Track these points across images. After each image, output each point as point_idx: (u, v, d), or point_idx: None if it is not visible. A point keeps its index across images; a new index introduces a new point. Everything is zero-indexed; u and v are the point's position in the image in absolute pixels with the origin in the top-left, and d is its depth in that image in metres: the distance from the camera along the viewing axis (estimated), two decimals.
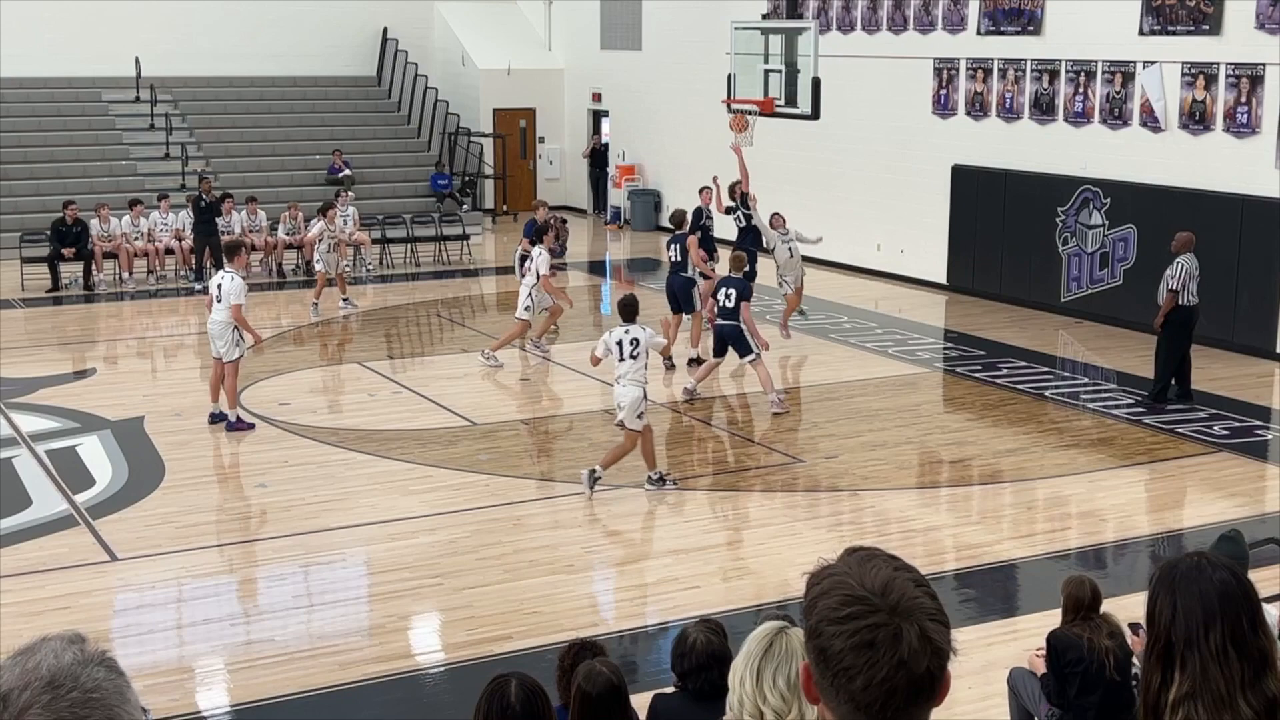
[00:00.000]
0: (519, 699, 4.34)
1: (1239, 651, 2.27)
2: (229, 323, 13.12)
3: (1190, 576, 2.39)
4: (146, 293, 20.51)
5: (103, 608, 9.30)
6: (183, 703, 7.86)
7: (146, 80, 25.61)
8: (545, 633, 8.57)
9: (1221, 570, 2.37)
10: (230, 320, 13.11)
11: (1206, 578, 2.36)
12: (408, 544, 10.27)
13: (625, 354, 11.15)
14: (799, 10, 21.50)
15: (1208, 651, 2.29)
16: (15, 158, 24.10)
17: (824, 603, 1.94)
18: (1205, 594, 2.33)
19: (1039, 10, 18.70)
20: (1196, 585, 2.36)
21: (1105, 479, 11.89)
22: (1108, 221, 17.82)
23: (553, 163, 29.59)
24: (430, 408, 14.14)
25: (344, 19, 28.17)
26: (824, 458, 12.43)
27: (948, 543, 10.46)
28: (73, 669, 1.66)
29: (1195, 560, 2.43)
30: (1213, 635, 2.30)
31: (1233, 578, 2.36)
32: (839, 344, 16.91)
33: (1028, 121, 19.02)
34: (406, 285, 21.08)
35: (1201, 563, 2.41)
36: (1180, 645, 2.34)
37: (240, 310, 13.11)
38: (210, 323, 13.34)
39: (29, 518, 10.87)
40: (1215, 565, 2.39)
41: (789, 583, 9.41)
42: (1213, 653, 2.29)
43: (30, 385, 14.75)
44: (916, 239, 20.63)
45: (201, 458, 12.50)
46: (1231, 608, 2.31)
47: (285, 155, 25.99)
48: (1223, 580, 2.34)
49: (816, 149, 21.92)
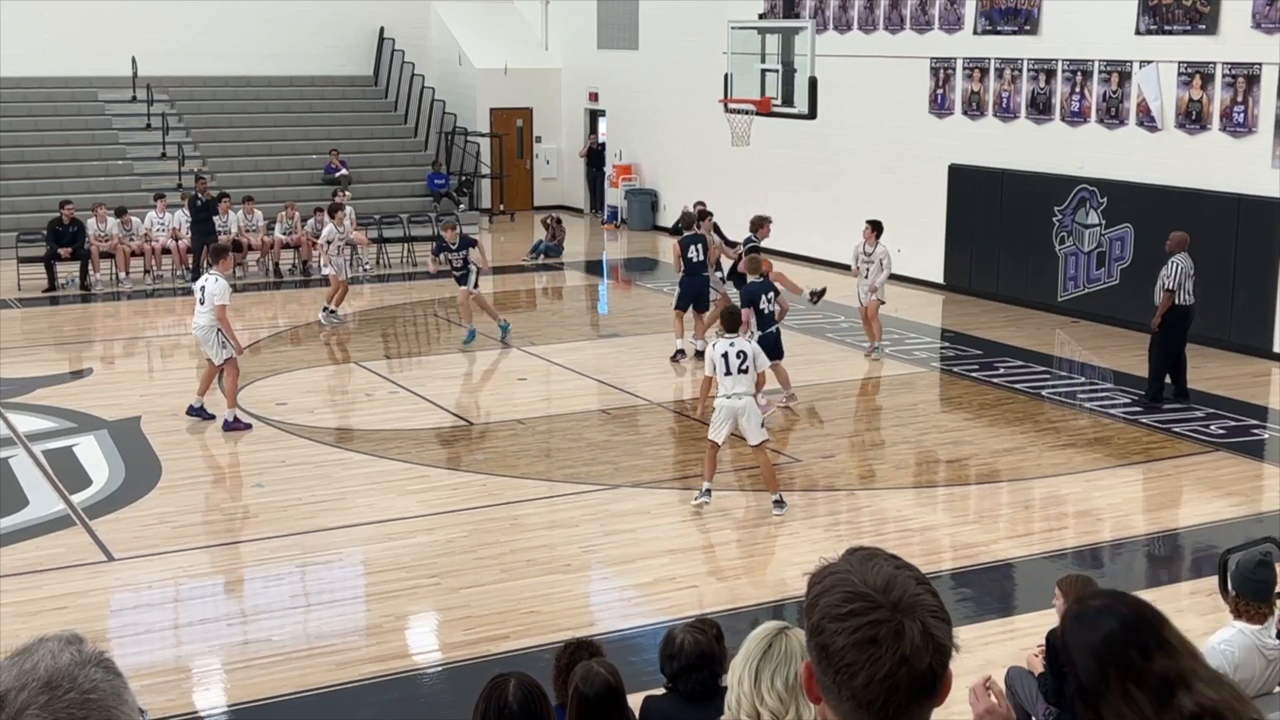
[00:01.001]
0: (517, 699, 4.34)
1: (1138, 684, 2.31)
2: (213, 325, 13.08)
3: (1078, 629, 2.43)
4: (143, 293, 20.50)
5: (100, 608, 9.29)
6: (180, 703, 7.86)
7: (143, 80, 25.60)
8: (542, 632, 8.56)
9: (1108, 619, 2.40)
10: (214, 323, 13.07)
11: (1089, 629, 2.41)
12: (405, 544, 10.26)
13: (734, 368, 10.85)
14: (796, 10, 21.50)
15: (1116, 698, 2.34)
16: (12, 157, 24.08)
17: (826, 600, 1.94)
18: (1093, 647, 2.38)
19: (1035, 10, 18.71)
20: (1084, 639, 2.40)
21: (1102, 478, 11.90)
22: (1104, 221, 17.83)
23: (549, 162, 29.59)
24: (427, 407, 14.14)
25: (341, 19, 28.16)
26: (821, 457, 12.44)
27: (945, 542, 10.46)
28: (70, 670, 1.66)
29: (1084, 609, 2.46)
30: (1111, 683, 2.34)
31: (1119, 625, 2.39)
32: (836, 343, 16.91)
33: (1024, 121, 19.03)
34: (403, 285, 21.06)
35: (1086, 614, 2.44)
36: (1090, 692, 2.39)
37: (225, 312, 13.07)
38: (195, 326, 13.33)
39: (26, 518, 10.86)
40: (1102, 613, 2.42)
41: (786, 582, 9.42)
42: (1118, 697, 2.33)
43: (27, 385, 14.74)
44: (913, 238, 20.63)
45: (198, 458, 12.49)
46: (1119, 652, 2.34)
47: (282, 155, 25.98)
48: (1107, 632, 2.38)
49: (813, 149, 21.93)
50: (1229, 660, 5.80)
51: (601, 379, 15.22)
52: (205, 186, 21.10)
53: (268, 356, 16.56)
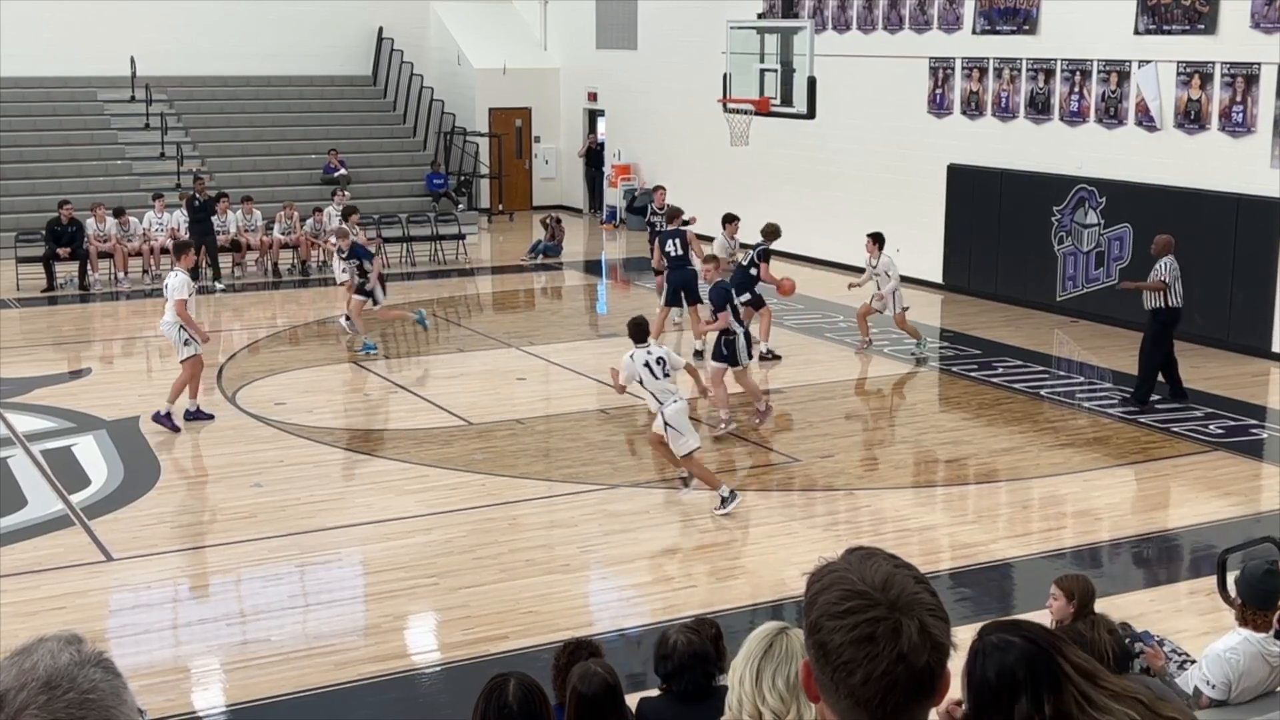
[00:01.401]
0: (517, 698, 4.34)
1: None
2: (176, 322, 13.05)
3: (976, 659, 2.48)
4: (141, 292, 20.49)
5: (99, 608, 9.29)
6: (179, 703, 7.85)
7: (142, 80, 25.60)
8: (541, 632, 8.57)
9: (995, 656, 2.45)
10: (177, 319, 13.03)
11: (982, 664, 2.45)
12: (403, 544, 10.26)
13: (658, 374, 10.89)
14: (795, 10, 21.51)
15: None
16: (10, 157, 24.07)
17: (824, 598, 1.94)
18: (986, 680, 2.43)
19: (1034, 10, 18.72)
20: (978, 671, 2.46)
21: (1100, 478, 11.90)
22: (1103, 221, 17.83)
23: (548, 162, 29.59)
24: (426, 407, 14.13)
25: (339, 18, 28.15)
26: (819, 457, 12.44)
27: (943, 542, 10.46)
28: (69, 670, 1.66)
29: (984, 644, 2.49)
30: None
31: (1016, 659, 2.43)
32: (834, 343, 16.91)
33: (1023, 121, 19.03)
34: (402, 285, 21.05)
35: (985, 647, 2.48)
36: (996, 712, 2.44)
37: (184, 306, 13.05)
38: (162, 323, 13.32)
39: (25, 518, 10.85)
40: (991, 650, 2.46)
41: (785, 582, 9.42)
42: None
43: (26, 385, 14.73)
44: (912, 238, 20.62)
45: (197, 458, 12.49)
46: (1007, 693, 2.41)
47: (281, 155, 25.97)
48: (997, 669, 2.43)
49: (812, 149, 21.93)
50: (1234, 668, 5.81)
51: (600, 379, 15.22)
52: (204, 186, 21.09)
53: (266, 356, 16.56)
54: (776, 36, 16.96)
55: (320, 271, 22.15)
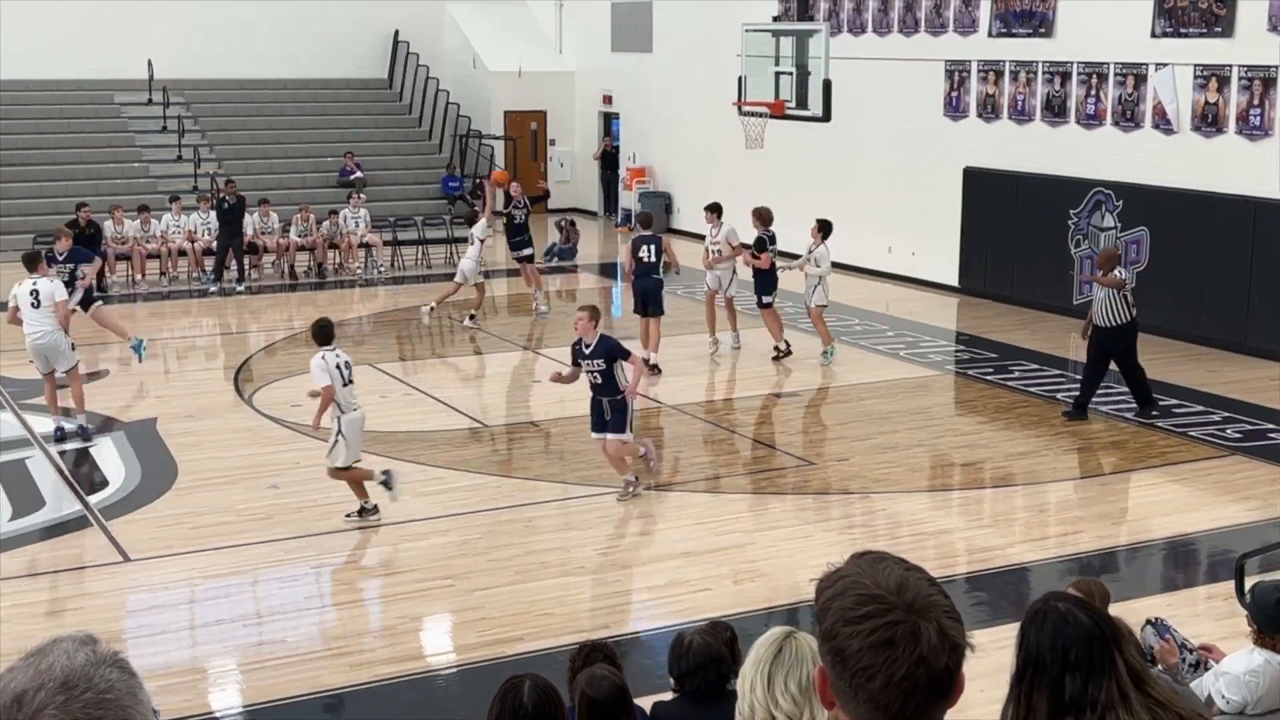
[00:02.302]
0: (532, 700, 4.35)
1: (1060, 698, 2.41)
2: (58, 329, 12.62)
3: (1034, 621, 2.51)
4: (159, 294, 20.55)
5: (116, 608, 9.32)
6: (195, 703, 7.87)
7: (159, 82, 25.69)
8: (557, 634, 8.57)
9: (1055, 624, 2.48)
10: (58, 326, 12.60)
11: (1039, 628, 2.48)
12: (419, 545, 10.28)
13: (347, 378, 10.66)
14: (810, 12, 21.50)
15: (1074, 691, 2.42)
16: (29, 159, 24.18)
17: (839, 604, 1.94)
18: (1039, 645, 2.46)
19: (1050, 12, 18.67)
20: (1033, 634, 2.49)
21: (1117, 482, 11.86)
22: (1120, 224, 17.78)
23: (563, 165, 29.61)
24: (442, 409, 14.15)
25: (355, 21, 28.22)
26: (835, 460, 12.42)
27: (960, 546, 10.44)
28: (86, 670, 1.66)
29: (1048, 608, 2.52)
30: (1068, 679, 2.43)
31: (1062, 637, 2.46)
32: (850, 346, 16.88)
33: (1039, 123, 18.99)
34: (418, 287, 21.08)
35: (1049, 612, 2.51)
36: (1040, 679, 2.46)
37: (66, 306, 12.84)
38: (40, 335, 12.54)
39: (42, 519, 10.90)
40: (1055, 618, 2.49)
41: (800, 585, 9.40)
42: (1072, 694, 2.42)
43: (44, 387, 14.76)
44: (928, 241, 20.61)
45: (214, 459, 12.51)
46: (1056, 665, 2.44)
47: (297, 158, 26.05)
48: (1052, 637, 2.47)
49: (827, 151, 21.91)
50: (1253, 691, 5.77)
51: None
52: (234, 190, 21.10)
53: (283, 358, 16.60)
54: (792, 39, 16.94)
55: (336, 274, 22.21)
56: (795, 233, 17.84)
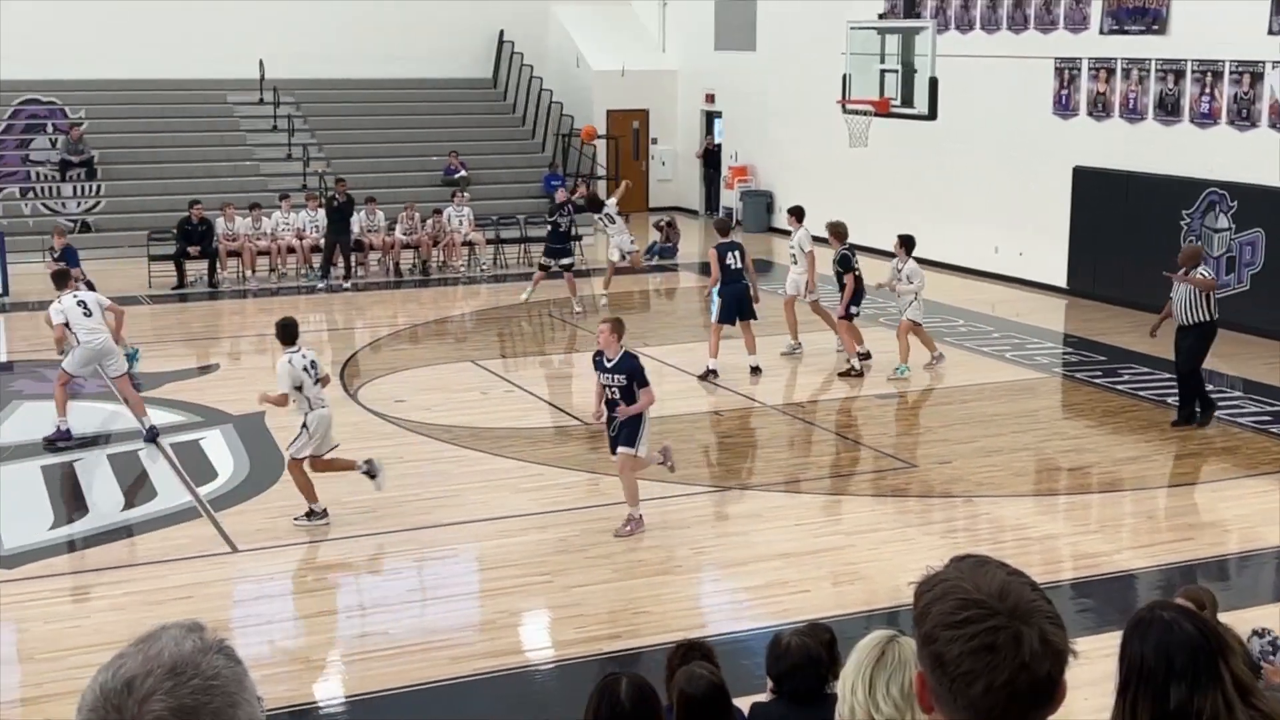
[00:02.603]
0: (630, 698, 4.35)
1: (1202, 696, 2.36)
2: (107, 332, 12.88)
3: (1138, 629, 2.48)
4: (268, 290, 20.94)
5: (223, 597, 9.52)
6: (299, 693, 8.00)
7: (270, 82, 26.17)
8: (653, 633, 8.58)
9: (1159, 632, 2.44)
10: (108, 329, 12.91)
11: (1143, 636, 2.45)
12: (518, 541, 10.35)
13: (314, 377, 10.70)
14: (916, 9, 21.25)
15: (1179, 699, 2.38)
16: (144, 158, 24.78)
17: (938, 608, 1.91)
18: (1143, 655, 2.42)
19: (1164, 9, 18.27)
20: (1136, 642, 2.45)
21: (1229, 489, 11.58)
22: (1234, 225, 17.34)
23: (665, 163, 29.63)
24: (541, 406, 14.23)
25: (461, 21, 28.49)
26: (938, 463, 12.27)
27: (1065, 551, 10.26)
28: (193, 656, 1.69)
29: (1152, 616, 2.49)
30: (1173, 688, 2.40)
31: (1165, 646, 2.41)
32: (954, 347, 16.67)
33: (1152, 122, 18.59)
34: (520, 285, 21.24)
35: (1152, 620, 2.47)
36: (1144, 687, 2.43)
37: (118, 309, 13.29)
38: (98, 340, 12.78)
39: (155, 509, 11.16)
40: (1159, 626, 2.45)
41: (900, 589, 9.30)
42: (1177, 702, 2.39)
43: (156, 380, 15.14)
44: (1036, 241, 20.28)
45: None
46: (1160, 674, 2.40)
47: (403, 156, 26.37)
48: (1156, 646, 2.42)
49: (933, 150, 21.65)
50: None
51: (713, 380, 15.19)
52: (345, 189, 21.40)
53: (387, 354, 16.82)
54: (898, 37, 16.77)
55: (440, 271, 22.45)
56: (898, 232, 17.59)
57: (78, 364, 12.85)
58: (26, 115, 24.94)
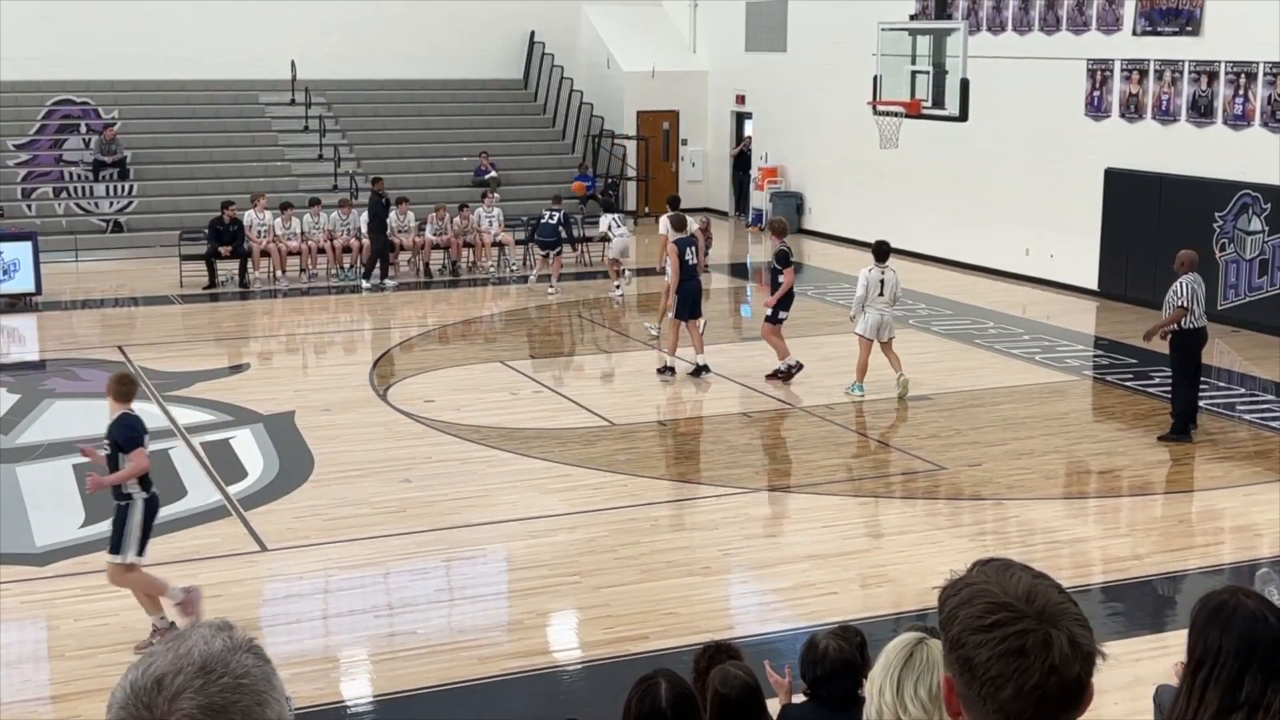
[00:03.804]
0: (669, 701, 4.34)
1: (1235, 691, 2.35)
2: None
3: (1220, 613, 2.46)
4: (299, 291, 21.04)
5: (252, 596, 9.56)
6: (328, 692, 8.04)
7: (301, 83, 26.30)
8: (681, 634, 8.57)
9: (1244, 620, 2.42)
10: None
11: (1226, 621, 2.43)
12: (546, 541, 10.36)
13: None
14: (948, 10, 21.17)
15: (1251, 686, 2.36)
16: (176, 158, 24.95)
17: (966, 612, 1.91)
18: (1224, 639, 2.40)
19: (1198, 10, 18.15)
20: (1218, 626, 2.43)
21: (1261, 492, 11.48)
22: (1267, 228, 17.21)
23: (695, 164, 29.61)
24: (570, 407, 14.25)
25: (492, 22, 28.56)
26: (967, 465, 12.23)
27: (1095, 555, 10.20)
28: (223, 655, 1.71)
29: (1236, 602, 2.48)
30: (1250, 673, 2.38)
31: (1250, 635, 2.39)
32: (984, 349, 16.61)
33: (1185, 124, 18.47)
34: (549, 285, 21.26)
35: (1237, 606, 2.46)
36: (1218, 673, 2.41)
37: None
38: None
39: (184, 508, 11.22)
40: (1245, 614, 2.43)
41: (929, 592, 9.27)
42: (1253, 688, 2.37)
43: (187, 379, 15.23)
44: (1067, 243, 20.18)
45: (349, 452, 12.76)
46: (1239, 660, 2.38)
47: (433, 157, 26.46)
48: (1240, 633, 2.41)
49: (964, 151, 21.57)
50: None
51: (743, 382, 15.18)
52: (383, 188, 21.42)
53: (417, 354, 16.88)
54: (929, 38, 16.70)
55: (470, 272, 22.50)
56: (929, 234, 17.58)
57: None
58: (60, 116, 25.14)
